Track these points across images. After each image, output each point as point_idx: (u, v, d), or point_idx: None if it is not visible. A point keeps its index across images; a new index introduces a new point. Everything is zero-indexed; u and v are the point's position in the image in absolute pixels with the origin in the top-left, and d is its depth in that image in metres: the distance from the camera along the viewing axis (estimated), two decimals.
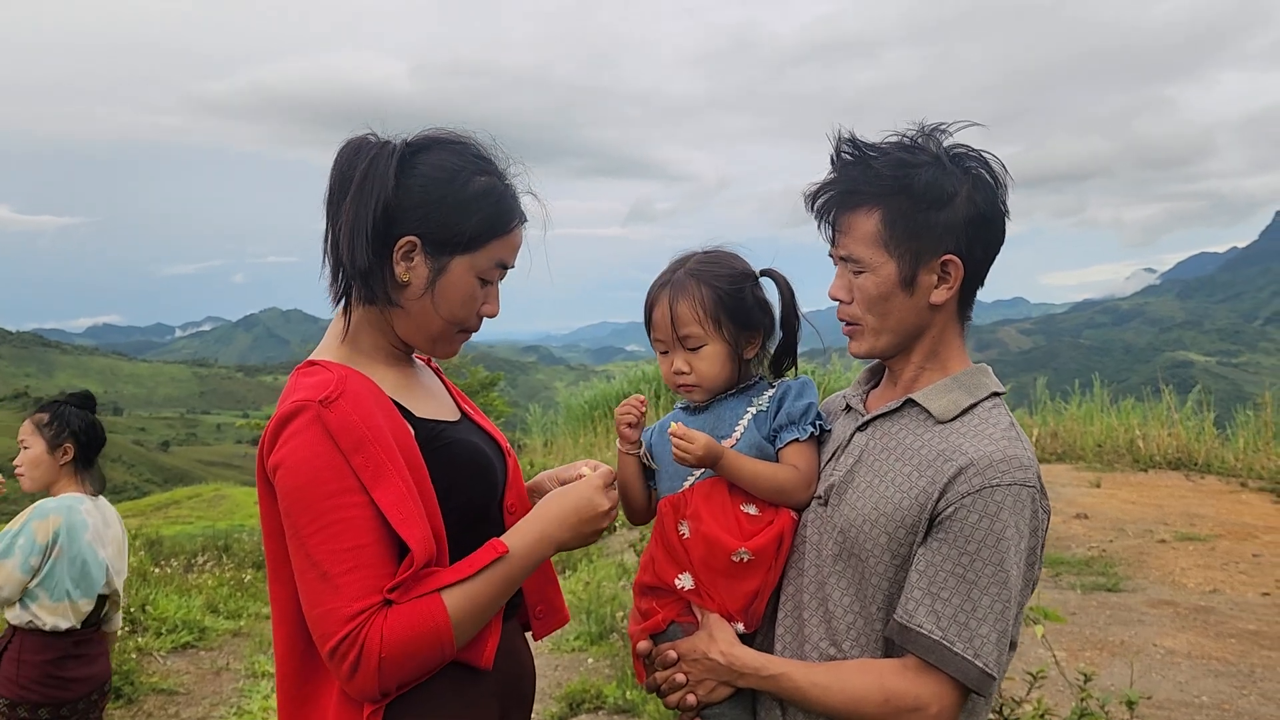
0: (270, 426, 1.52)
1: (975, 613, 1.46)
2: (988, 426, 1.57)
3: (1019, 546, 1.49)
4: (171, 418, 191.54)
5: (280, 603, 1.58)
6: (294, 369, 1.63)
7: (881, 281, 1.60)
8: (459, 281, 1.64)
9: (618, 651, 5.75)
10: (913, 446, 1.60)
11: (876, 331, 1.65)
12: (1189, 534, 8.25)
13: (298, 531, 1.48)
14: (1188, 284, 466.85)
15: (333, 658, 1.45)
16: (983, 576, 1.47)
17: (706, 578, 1.70)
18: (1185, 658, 5.45)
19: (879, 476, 1.61)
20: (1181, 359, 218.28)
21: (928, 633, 1.48)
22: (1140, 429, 12.42)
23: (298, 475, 1.47)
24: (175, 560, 9.81)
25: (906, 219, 1.57)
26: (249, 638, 7.43)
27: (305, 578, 1.48)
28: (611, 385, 17.83)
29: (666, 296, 1.78)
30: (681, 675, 1.67)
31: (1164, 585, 6.96)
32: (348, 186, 1.58)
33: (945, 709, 1.48)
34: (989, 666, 1.46)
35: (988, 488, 1.48)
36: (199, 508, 24.18)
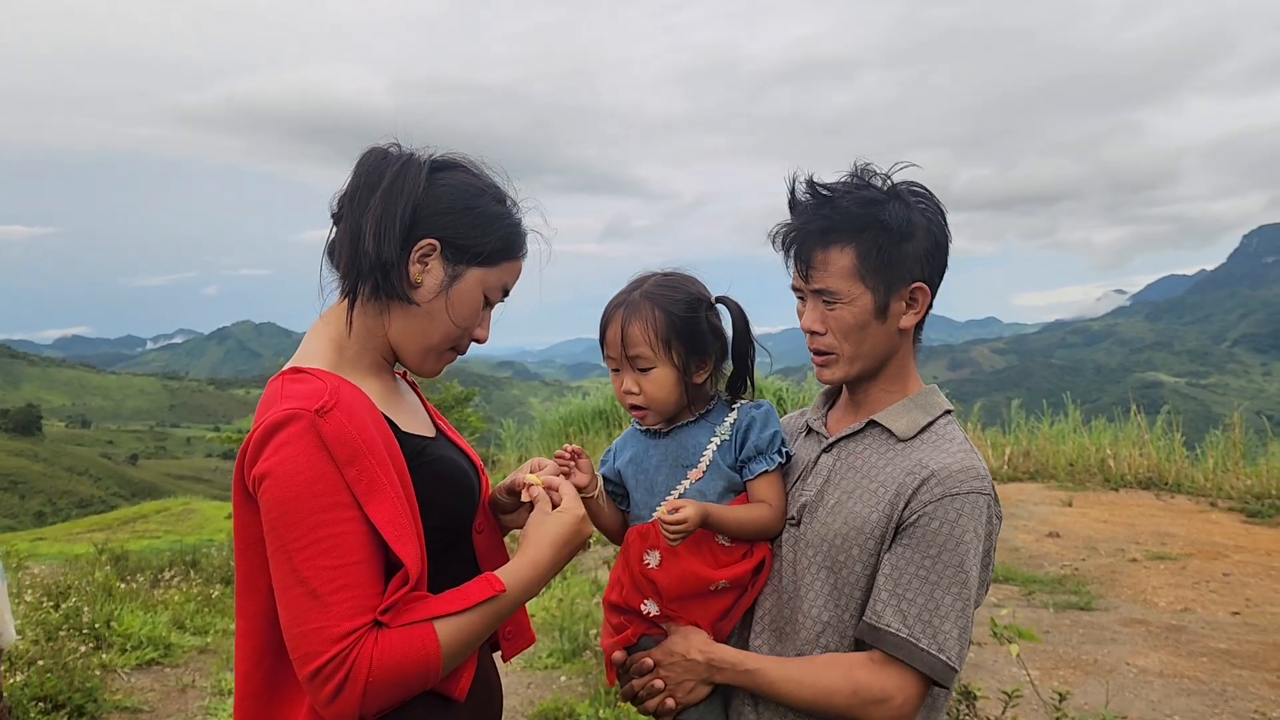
0: (256, 434, 1.45)
1: (939, 611, 1.58)
2: (945, 441, 1.71)
3: (976, 549, 1.61)
4: (140, 431, 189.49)
5: (250, 617, 1.52)
6: (277, 375, 1.58)
7: (858, 312, 1.70)
8: (470, 292, 1.66)
9: (590, 669, 5.70)
10: (878, 465, 1.72)
11: (851, 359, 1.75)
12: (1160, 553, 8.30)
13: (284, 545, 1.41)
14: (1157, 306, 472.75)
15: (314, 679, 1.40)
16: (944, 577, 1.59)
17: (676, 605, 1.76)
18: (1158, 676, 5.46)
19: (848, 494, 1.72)
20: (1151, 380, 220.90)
21: (895, 631, 1.59)
22: (1111, 449, 12.51)
23: (288, 486, 1.41)
24: (141, 575, 9.65)
25: (880, 253, 1.68)
26: (216, 654, 7.30)
27: (290, 594, 1.41)
28: (587, 401, 17.79)
29: (620, 316, 1.80)
30: (659, 681, 1.74)
31: (1136, 604, 6.99)
32: (375, 185, 1.60)
33: (909, 699, 1.60)
34: (952, 660, 1.59)
35: (948, 496, 1.61)
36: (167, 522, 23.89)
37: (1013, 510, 10.46)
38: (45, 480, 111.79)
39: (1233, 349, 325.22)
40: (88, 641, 6.66)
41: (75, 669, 5.87)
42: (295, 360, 1.61)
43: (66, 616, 7.02)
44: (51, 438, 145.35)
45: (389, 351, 1.69)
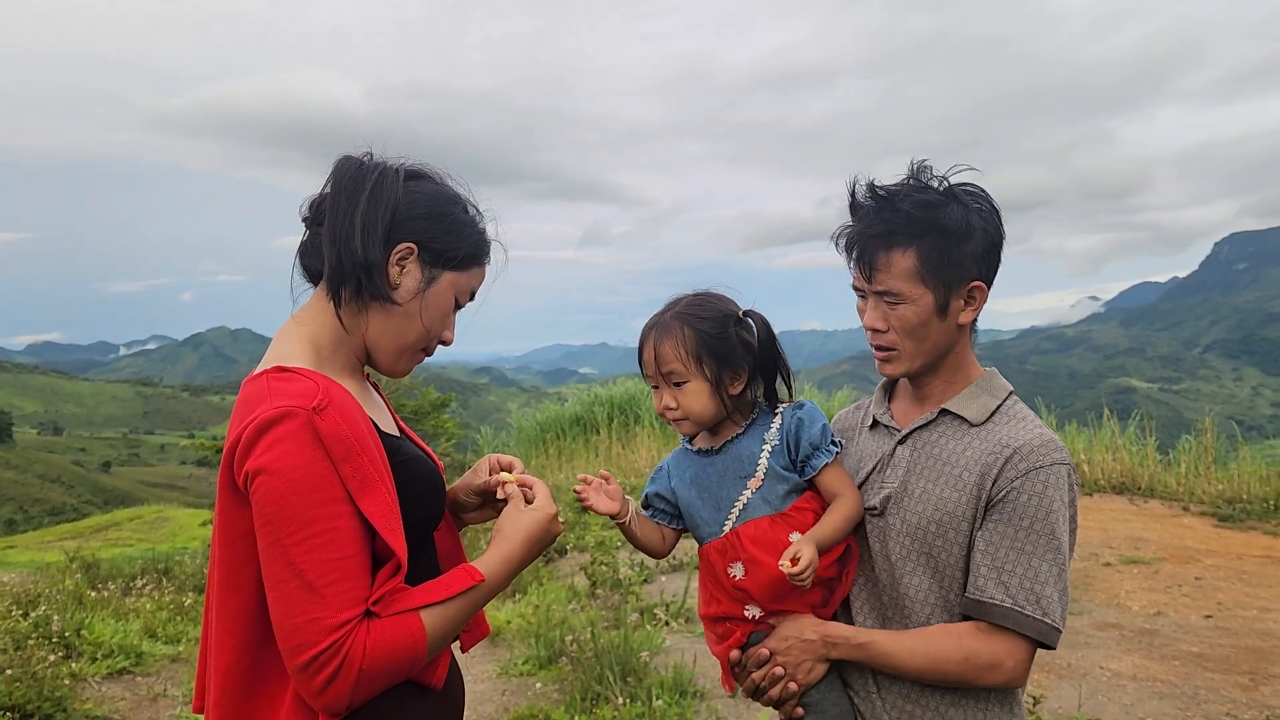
0: (249, 430, 1.46)
1: (1038, 578, 1.68)
2: (1019, 420, 1.81)
3: (1064, 516, 1.71)
4: (113, 438, 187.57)
5: (232, 613, 1.53)
6: (258, 374, 1.60)
7: (920, 311, 1.78)
8: (444, 295, 1.74)
9: (567, 675, 5.68)
10: (957, 450, 1.81)
11: (914, 355, 1.83)
12: (1133, 557, 8.37)
13: (280, 539, 1.44)
14: (1130, 312, 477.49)
15: (308, 668, 1.42)
16: (1040, 546, 1.68)
17: (774, 603, 1.86)
18: (1131, 680, 5.50)
19: (933, 481, 1.81)
20: (1124, 385, 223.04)
21: (999, 602, 1.69)
22: (1085, 454, 12.61)
23: (285, 481, 1.44)
24: (113, 583, 9.54)
25: (941, 254, 1.76)
26: (188, 663, 7.22)
27: (285, 587, 1.44)
28: (564, 408, 17.78)
29: (654, 338, 1.92)
30: (779, 668, 1.83)
31: (1109, 608, 7.04)
32: (356, 191, 1.66)
33: (1020, 663, 1.71)
34: (1056, 621, 1.69)
35: (1033, 470, 1.71)
36: (140, 530, 23.68)
37: None
38: (16, 488, 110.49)
39: (1205, 355, 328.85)
40: (57, 650, 6.57)
41: (45, 678, 5.79)
42: (275, 360, 1.62)
43: (36, 625, 6.92)
44: (23, 445, 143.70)
45: (363, 353, 1.74)
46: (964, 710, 1.78)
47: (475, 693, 5.72)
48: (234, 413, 1.58)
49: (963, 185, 1.81)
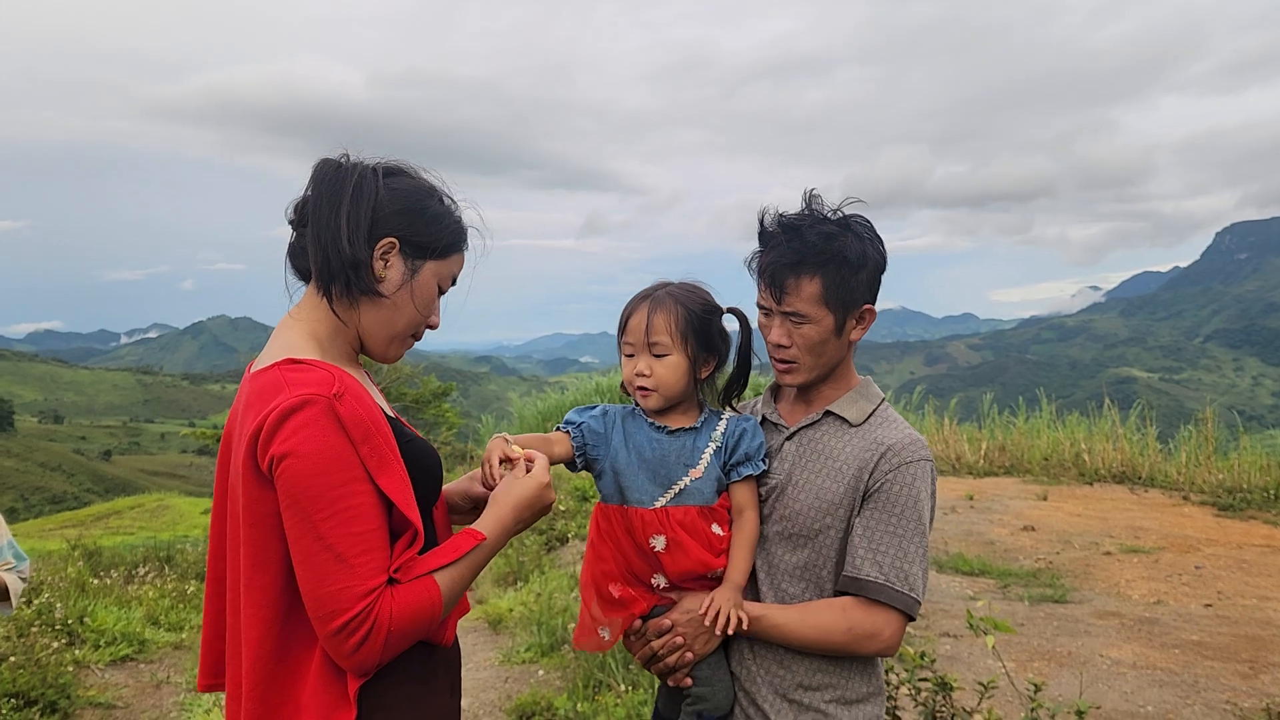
0: (272, 417, 1.57)
1: (907, 558, 1.94)
2: (891, 422, 2.07)
3: (928, 505, 1.99)
4: (114, 426, 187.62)
5: (261, 590, 1.62)
6: (268, 366, 1.69)
7: (822, 330, 2.01)
8: (428, 284, 1.85)
9: (569, 663, 5.70)
10: (838, 447, 2.05)
11: (811, 368, 2.06)
12: (1133, 546, 8.39)
13: (308, 516, 1.55)
14: (1131, 302, 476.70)
15: (340, 633, 1.55)
16: (908, 530, 1.95)
17: (680, 581, 2.02)
18: (1131, 668, 5.52)
19: (815, 473, 2.04)
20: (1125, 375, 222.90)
21: (874, 579, 1.93)
22: (1086, 443, 12.62)
23: (311, 463, 1.55)
24: (115, 571, 9.57)
25: (842, 282, 1.99)
26: (190, 651, 7.25)
27: (315, 560, 1.55)
28: (565, 396, 17.77)
29: (646, 307, 2.05)
30: (680, 638, 2.00)
31: (1109, 597, 7.05)
32: (337, 193, 1.75)
33: (895, 633, 1.95)
34: (919, 596, 1.94)
35: (905, 464, 1.97)
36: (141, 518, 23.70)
37: (988, 504, 10.54)
38: (17, 476, 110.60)
39: (1205, 345, 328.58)
40: (60, 638, 6.60)
41: (48, 665, 5.82)
42: (283, 353, 1.72)
43: (39, 612, 6.95)
44: (24, 433, 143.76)
45: (357, 342, 1.86)
46: (828, 675, 2.00)
47: (477, 680, 5.74)
48: (246, 403, 1.67)
49: (854, 217, 2.02)
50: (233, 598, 1.69)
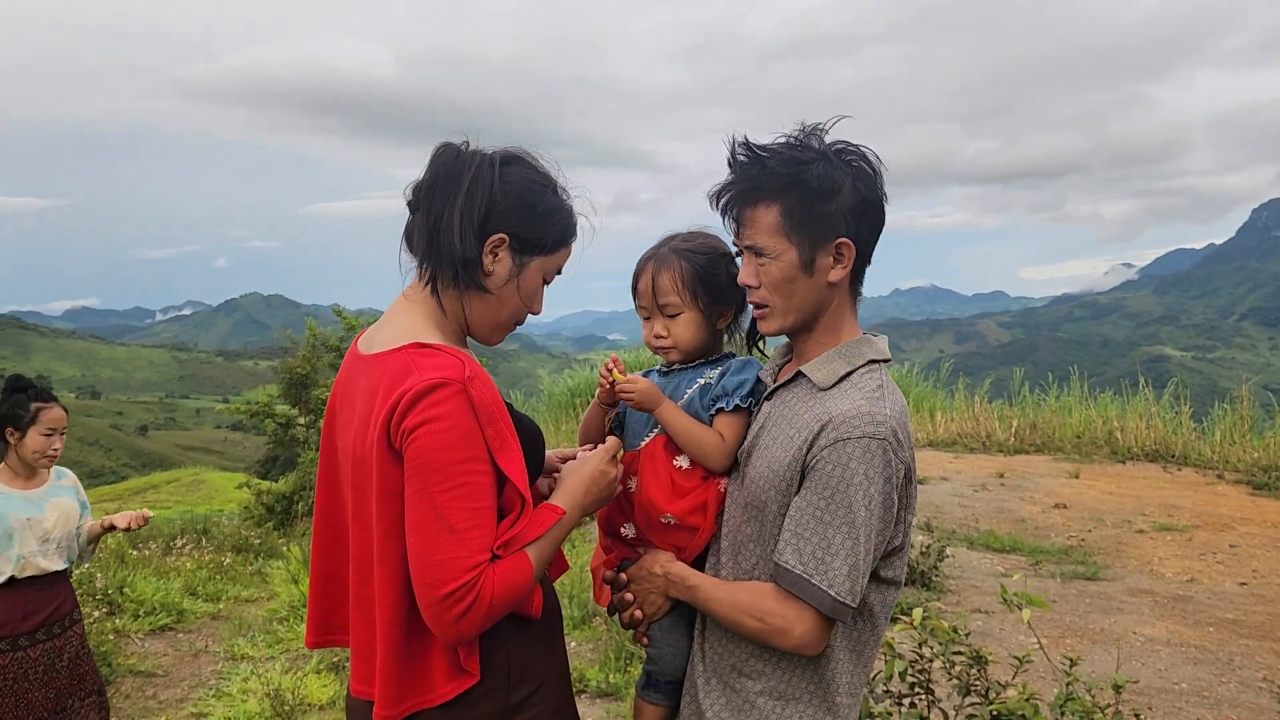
0: (406, 396, 1.64)
1: (829, 549, 1.67)
2: (854, 389, 1.78)
3: (868, 491, 1.68)
4: (150, 402, 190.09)
5: (394, 560, 1.70)
6: (401, 349, 1.74)
7: (785, 266, 1.80)
8: (533, 279, 1.89)
9: (601, 635, 5.75)
10: (799, 412, 1.82)
11: (784, 312, 1.85)
12: (1167, 524, 8.32)
13: (429, 488, 1.62)
14: (1165, 280, 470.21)
15: (444, 601, 1.61)
16: (836, 518, 1.68)
17: (644, 530, 1.98)
18: (1165, 645, 5.49)
19: (774, 440, 1.83)
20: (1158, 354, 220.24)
21: (791, 567, 1.71)
22: (1118, 421, 12.51)
23: (441, 439, 1.63)
24: (153, 543, 9.73)
25: (803, 209, 1.77)
26: (227, 621, 7.38)
27: (429, 529, 1.62)
28: (593, 373, 17.80)
29: (651, 269, 2.02)
30: (630, 594, 1.96)
31: (1142, 574, 7.02)
32: (452, 183, 1.78)
33: (808, 632, 1.71)
34: (841, 596, 1.67)
35: (840, 440, 1.69)
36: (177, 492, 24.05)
37: (1019, 482, 10.48)
38: None
39: (1240, 323, 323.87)
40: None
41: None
42: (410, 336, 1.78)
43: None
44: None
45: (465, 328, 1.91)
46: (763, 663, 1.82)
47: None
48: (377, 384, 1.72)
49: (838, 144, 1.82)
50: (359, 565, 1.78)
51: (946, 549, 6.85)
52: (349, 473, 1.79)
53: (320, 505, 1.92)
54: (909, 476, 1.76)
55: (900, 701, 3.25)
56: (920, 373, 17.52)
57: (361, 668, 1.80)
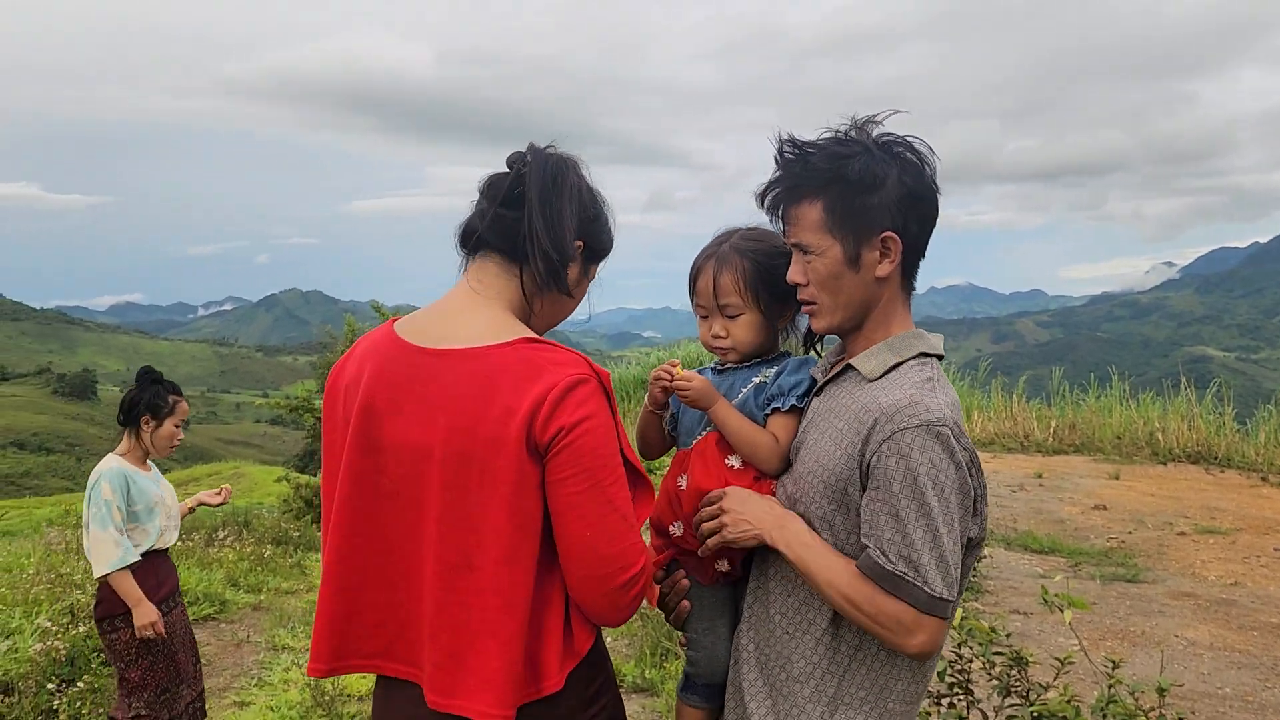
0: (553, 393, 1.62)
1: (913, 546, 1.60)
2: (903, 379, 1.74)
3: (937, 480, 1.62)
4: (192, 396, 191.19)
5: (528, 556, 1.66)
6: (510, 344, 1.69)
7: (830, 263, 1.78)
8: (588, 284, 1.95)
9: (636, 631, 5.77)
10: (847, 405, 1.77)
11: (832, 309, 1.82)
12: (1209, 527, 8.21)
13: (599, 482, 1.64)
14: (1208, 279, 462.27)
15: (627, 586, 1.67)
16: (910, 513, 1.61)
17: (692, 527, 1.90)
18: (1207, 649, 5.42)
19: (822, 434, 1.79)
20: (1200, 354, 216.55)
21: (885, 566, 1.62)
22: (1160, 422, 12.34)
23: (600, 435, 1.66)
24: (196, 535, 9.88)
25: (845, 204, 1.75)
26: (268, 612, 7.49)
27: (607, 520, 1.65)
28: (628, 370, 17.84)
29: (711, 267, 1.96)
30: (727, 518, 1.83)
31: (1184, 577, 6.93)
32: (558, 189, 1.79)
33: (934, 633, 1.62)
34: (936, 591, 1.60)
35: (897, 432, 1.64)
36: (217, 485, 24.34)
37: (1058, 483, 10.38)
38: (101, 443, 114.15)
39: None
40: None
41: None
42: (508, 332, 1.73)
43: None
44: (107, 402, 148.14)
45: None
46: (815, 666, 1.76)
47: None
48: (484, 378, 1.65)
49: (887, 136, 1.79)
50: (445, 569, 1.67)
51: (984, 549, 6.80)
52: (431, 474, 1.67)
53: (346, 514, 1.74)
54: (978, 465, 1.70)
55: (939, 701, 3.24)
56: (957, 372, 17.38)
57: (446, 680, 1.68)
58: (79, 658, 5.33)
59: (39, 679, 4.84)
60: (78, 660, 5.31)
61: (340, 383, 1.80)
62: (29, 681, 4.75)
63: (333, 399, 1.81)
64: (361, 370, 1.76)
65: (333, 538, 1.75)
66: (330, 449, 1.81)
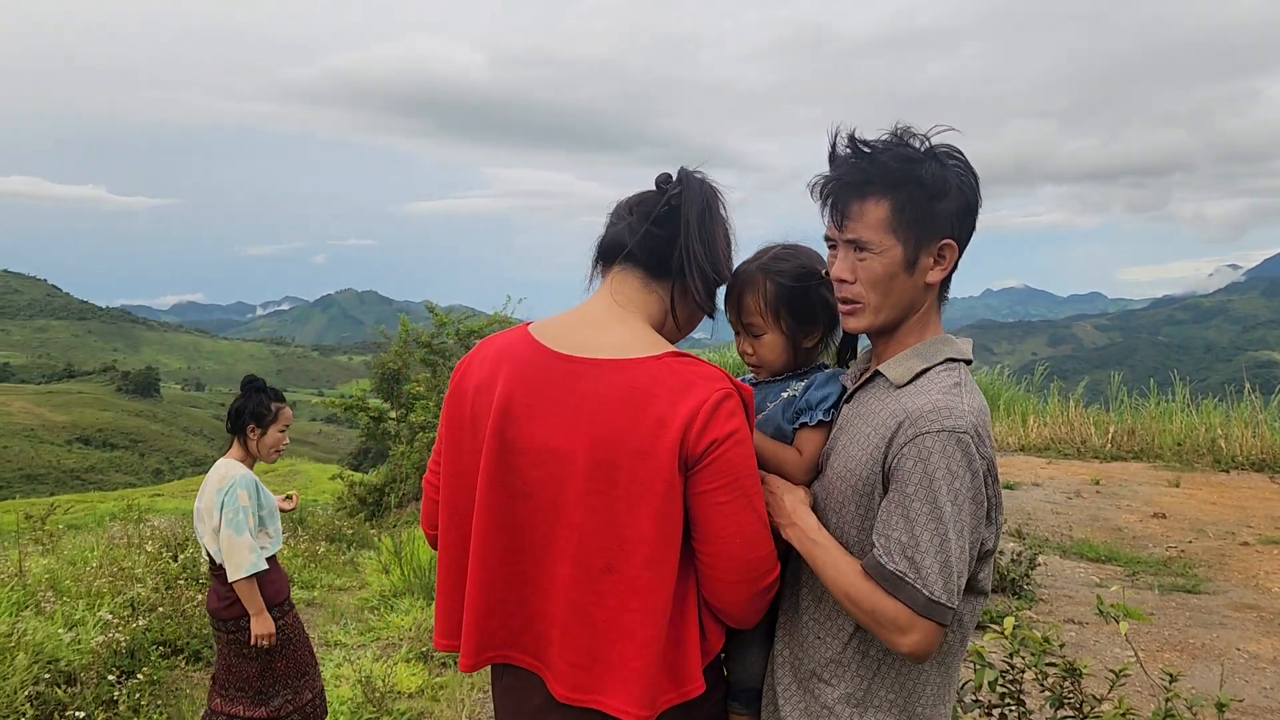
0: (704, 407, 1.69)
1: (918, 547, 1.62)
2: (931, 385, 1.75)
3: (952, 486, 1.63)
4: None
5: (668, 564, 1.72)
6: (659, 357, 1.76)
7: (888, 263, 1.77)
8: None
9: None
10: (875, 410, 1.79)
11: (878, 309, 1.81)
12: (1274, 537, 7.99)
13: (746, 491, 1.73)
14: (1273, 281, 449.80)
15: (770, 589, 1.80)
16: (921, 515, 1.63)
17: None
18: (1270, 663, 5.28)
19: (851, 440, 1.80)
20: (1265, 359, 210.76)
21: (887, 566, 1.65)
22: (1222, 429, 12.04)
23: (746, 448, 1.73)
24: None
25: (914, 207, 1.75)
26: (321, 608, 7.59)
27: (751, 528, 1.74)
28: None
29: (737, 287, 2.01)
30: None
31: (1247, 589, 6.75)
32: (712, 213, 1.88)
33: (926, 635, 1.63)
34: (934, 594, 1.61)
35: (919, 436, 1.65)
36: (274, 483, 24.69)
37: (1115, 490, 10.18)
38: (163, 439, 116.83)
39: None
40: (204, 590, 6.98)
41: (193, 616, 6.17)
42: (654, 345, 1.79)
43: (184, 567, 7.36)
44: (168, 399, 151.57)
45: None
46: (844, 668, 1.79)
47: None
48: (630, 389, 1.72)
49: (942, 147, 1.80)
50: (582, 571, 1.73)
51: (1038, 557, 6.69)
52: (572, 479, 1.72)
53: (487, 511, 1.79)
54: (995, 474, 1.72)
55: (990, 711, 3.20)
56: (1012, 376, 17.13)
57: (581, 677, 1.75)
58: (139, 650, 5.45)
59: (100, 670, 4.96)
60: (137, 653, 5.43)
61: (469, 383, 1.85)
62: (90, 672, 4.86)
63: (459, 399, 1.86)
64: (496, 373, 1.81)
65: (475, 537, 1.81)
66: (454, 447, 1.86)
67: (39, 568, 6.68)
